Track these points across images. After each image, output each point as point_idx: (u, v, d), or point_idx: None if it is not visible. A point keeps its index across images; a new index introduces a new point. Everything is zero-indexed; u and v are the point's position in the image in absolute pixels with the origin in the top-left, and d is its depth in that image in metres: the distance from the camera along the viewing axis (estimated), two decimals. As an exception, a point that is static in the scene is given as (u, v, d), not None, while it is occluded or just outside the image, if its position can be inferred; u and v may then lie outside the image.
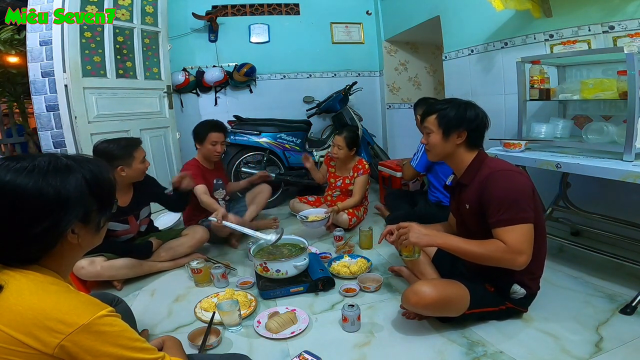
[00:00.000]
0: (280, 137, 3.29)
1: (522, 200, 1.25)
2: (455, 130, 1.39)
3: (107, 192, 0.80)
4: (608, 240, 2.00)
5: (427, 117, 1.46)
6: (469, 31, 2.86)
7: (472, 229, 1.42)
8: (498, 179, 1.29)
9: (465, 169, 1.43)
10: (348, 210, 2.58)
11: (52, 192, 0.69)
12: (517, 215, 1.23)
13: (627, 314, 1.45)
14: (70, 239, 0.73)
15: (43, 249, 0.71)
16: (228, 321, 1.48)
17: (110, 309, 0.70)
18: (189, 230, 2.22)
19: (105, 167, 0.81)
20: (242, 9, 4.10)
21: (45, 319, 0.63)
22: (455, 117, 1.39)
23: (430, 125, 1.43)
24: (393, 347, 1.36)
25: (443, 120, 1.40)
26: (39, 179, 0.68)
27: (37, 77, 2.65)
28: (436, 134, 1.42)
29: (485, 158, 1.41)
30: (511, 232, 1.23)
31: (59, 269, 0.75)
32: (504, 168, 1.34)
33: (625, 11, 1.84)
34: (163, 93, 3.32)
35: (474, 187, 1.36)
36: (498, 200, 1.25)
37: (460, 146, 1.41)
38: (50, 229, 0.69)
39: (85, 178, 0.74)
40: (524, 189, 1.28)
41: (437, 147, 1.43)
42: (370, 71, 4.46)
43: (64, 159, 0.74)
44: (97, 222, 0.78)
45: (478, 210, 1.34)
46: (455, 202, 1.54)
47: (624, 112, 1.65)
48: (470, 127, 1.39)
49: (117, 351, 0.67)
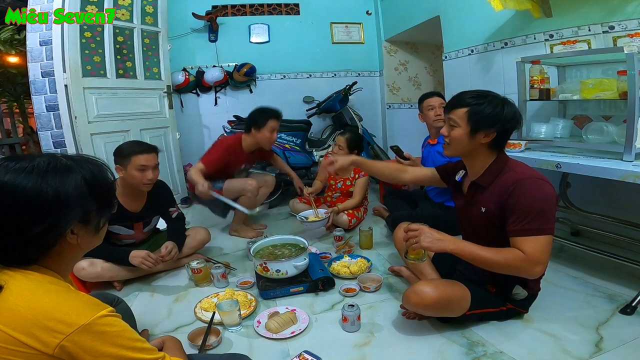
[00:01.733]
0: (280, 137, 3.29)
1: (549, 211, 1.20)
2: (485, 128, 1.26)
3: (106, 192, 0.79)
4: (608, 240, 2.00)
5: (455, 109, 1.30)
6: (469, 31, 2.86)
7: (482, 232, 1.37)
8: (528, 187, 1.22)
9: (484, 170, 1.33)
10: (348, 211, 2.58)
11: (51, 192, 0.69)
12: (542, 226, 1.18)
13: (627, 314, 1.45)
14: (70, 239, 0.73)
15: (42, 249, 0.71)
16: (228, 321, 1.48)
17: (110, 309, 0.70)
18: (190, 231, 2.21)
19: (104, 167, 0.80)
20: (242, 9, 4.10)
21: (45, 319, 0.63)
22: (490, 115, 1.25)
23: (458, 118, 1.28)
24: (393, 347, 1.36)
25: (476, 116, 1.25)
26: (38, 180, 0.68)
27: (37, 77, 2.65)
28: (462, 129, 1.28)
29: (508, 160, 1.32)
30: (532, 242, 1.18)
31: (59, 269, 0.75)
32: (534, 176, 1.25)
33: (625, 11, 1.84)
34: (163, 93, 3.32)
35: (495, 191, 1.28)
36: (525, 209, 1.19)
37: (484, 146, 1.30)
38: (50, 229, 0.69)
39: (84, 178, 0.74)
40: (552, 199, 1.22)
41: (460, 143, 1.30)
42: (370, 71, 4.47)
43: (63, 159, 0.74)
44: (96, 222, 0.78)
45: (496, 214, 1.27)
46: (464, 201, 1.44)
47: (624, 112, 1.65)
48: (503, 128, 1.27)
49: (117, 351, 0.67)
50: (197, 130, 4.08)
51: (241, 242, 2.50)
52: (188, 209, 3.40)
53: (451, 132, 1.32)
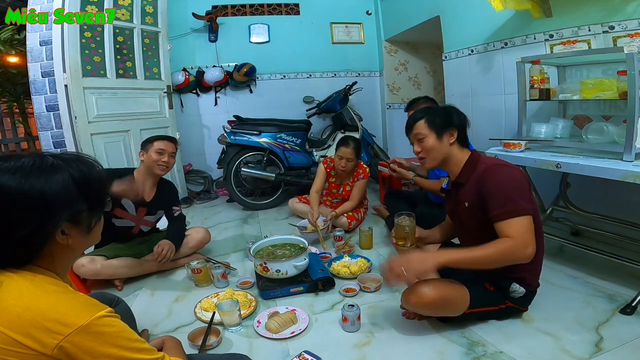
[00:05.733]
0: (280, 137, 3.29)
1: (521, 191, 1.27)
2: (447, 129, 1.40)
3: (96, 191, 0.76)
4: (608, 240, 1.99)
5: (414, 125, 1.45)
6: (469, 31, 2.86)
7: (471, 227, 1.42)
8: (495, 172, 1.31)
9: (461, 169, 1.43)
10: (348, 214, 2.58)
11: (35, 193, 0.66)
12: (517, 206, 1.23)
13: (627, 314, 1.45)
14: (60, 240, 0.71)
15: (32, 250, 0.69)
16: (228, 321, 1.48)
17: (109, 310, 0.69)
18: (190, 230, 2.22)
19: (96, 166, 0.77)
20: (242, 9, 4.10)
21: (44, 319, 0.63)
22: (444, 116, 1.42)
23: (422, 130, 1.42)
24: (393, 347, 1.36)
25: (433, 122, 1.41)
26: (22, 180, 0.66)
27: (37, 77, 2.65)
28: (430, 137, 1.41)
29: (479, 156, 1.43)
30: (514, 224, 1.23)
31: (54, 269, 0.73)
32: (500, 163, 1.37)
33: (625, 11, 1.84)
34: (163, 93, 3.32)
35: (472, 184, 1.36)
36: (497, 193, 1.27)
37: (454, 145, 1.42)
38: (37, 230, 0.67)
39: (73, 177, 0.71)
40: (520, 180, 1.30)
41: (434, 150, 1.42)
42: (370, 71, 4.47)
43: (50, 159, 0.71)
44: (88, 222, 0.75)
45: (478, 206, 1.34)
46: (452, 203, 1.52)
47: (624, 112, 1.65)
48: (459, 123, 1.42)
49: (116, 352, 0.67)
50: (197, 130, 4.09)
51: (241, 242, 2.50)
52: (188, 209, 3.40)
53: (423, 144, 1.43)
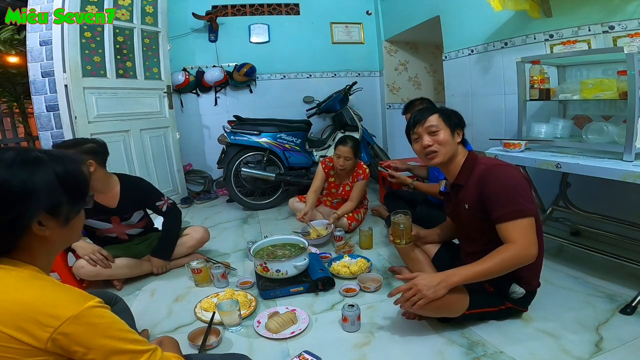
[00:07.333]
0: (280, 137, 3.29)
1: (521, 190, 1.26)
2: (457, 127, 1.41)
3: (78, 185, 0.78)
4: (608, 240, 1.99)
5: (428, 117, 1.41)
6: (468, 31, 2.86)
7: (472, 228, 1.42)
8: (496, 172, 1.30)
9: (459, 170, 1.42)
10: (348, 215, 2.58)
11: (16, 183, 0.68)
12: (520, 208, 1.23)
13: (627, 314, 1.45)
14: (37, 230, 0.71)
15: (10, 240, 0.70)
16: (228, 321, 1.48)
17: (98, 300, 0.69)
18: (189, 229, 2.21)
19: (80, 162, 0.79)
20: (242, 9, 4.10)
21: (34, 313, 0.63)
22: (454, 115, 1.42)
23: (437, 122, 1.39)
24: (393, 347, 1.36)
25: (448, 118, 1.40)
26: (4, 171, 0.68)
27: (37, 77, 2.65)
28: (445, 131, 1.39)
29: (477, 157, 1.42)
30: (517, 227, 1.22)
31: (35, 263, 0.74)
32: (499, 163, 1.36)
33: (625, 11, 1.84)
34: (163, 93, 3.32)
35: (472, 186, 1.36)
36: (499, 193, 1.26)
37: (459, 145, 1.43)
38: (16, 219, 0.68)
39: (55, 171, 0.72)
40: (520, 180, 1.29)
41: (448, 144, 1.39)
42: (370, 71, 4.47)
43: (35, 152, 0.73)
44: (66, 215, 0.75)
45: (478, 207, 1.33)
46: (452, 205, 1.52)
47: (624, 112, 1.65)
48: (463, 125, 1.44)
49: (108, 342, 0.67)
50: (197, 130, 4.09)
51: (241, 242, 2.50)
52: (188, 209, 3.40)
53: (436, 137, 1.39)
